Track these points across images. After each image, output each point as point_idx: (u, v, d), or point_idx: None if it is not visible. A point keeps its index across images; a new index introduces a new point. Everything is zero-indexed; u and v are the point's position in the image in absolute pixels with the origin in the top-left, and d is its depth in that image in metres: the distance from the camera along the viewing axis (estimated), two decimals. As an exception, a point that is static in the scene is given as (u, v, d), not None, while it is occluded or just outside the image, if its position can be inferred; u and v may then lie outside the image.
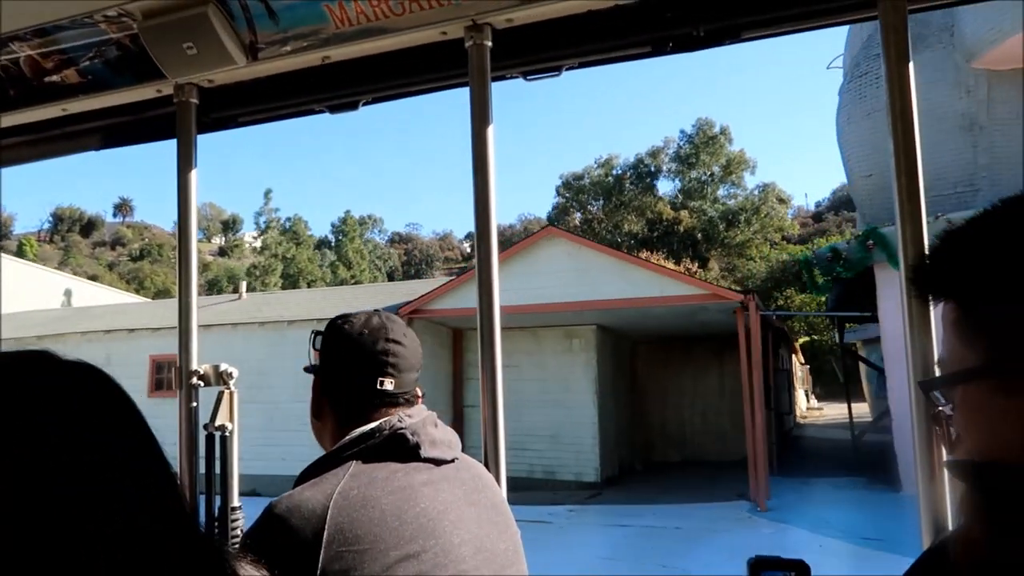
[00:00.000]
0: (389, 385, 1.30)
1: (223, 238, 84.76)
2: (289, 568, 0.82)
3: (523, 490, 13.62)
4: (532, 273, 13.24)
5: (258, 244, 64.11)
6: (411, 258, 77.29)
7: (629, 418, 16.52)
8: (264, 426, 13.03)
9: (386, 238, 79.78)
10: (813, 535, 9.37)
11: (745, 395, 12.36)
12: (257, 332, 14.72)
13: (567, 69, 1.75)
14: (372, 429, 1.25)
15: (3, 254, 34.10)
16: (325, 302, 17.29)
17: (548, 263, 13.33)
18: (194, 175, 1.94)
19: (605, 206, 52.19)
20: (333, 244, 61.67)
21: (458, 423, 14.39)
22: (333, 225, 63.91)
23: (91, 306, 24.83)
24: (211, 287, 56.84)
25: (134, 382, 13.76)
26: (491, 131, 1.67)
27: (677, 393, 18.20)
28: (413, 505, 1.17)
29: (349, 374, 1.32)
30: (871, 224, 12.36)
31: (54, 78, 1.98)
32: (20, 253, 52.12)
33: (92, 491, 0.57)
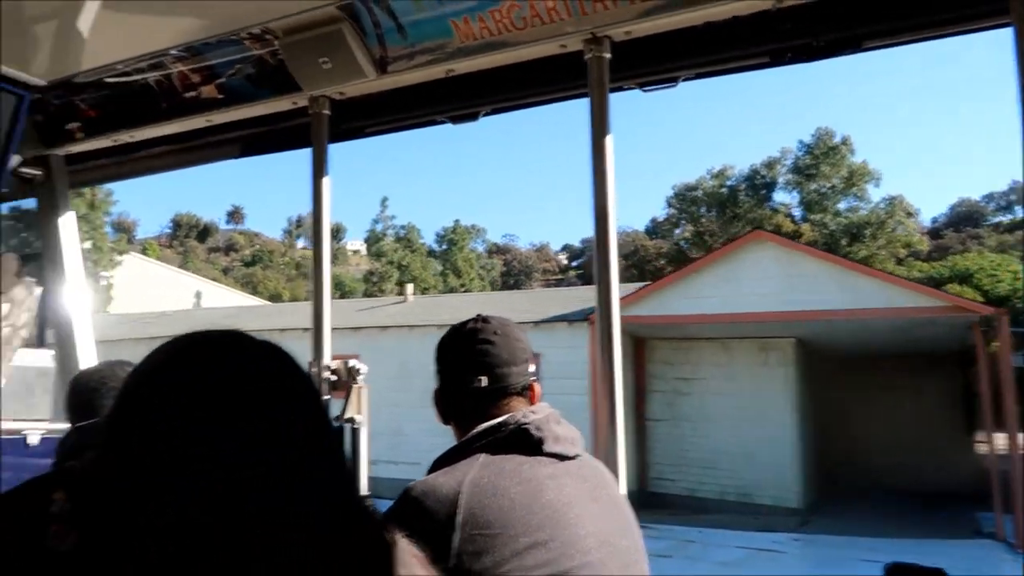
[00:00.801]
0: (482, 382, 1.35)
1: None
2: (424, 547, 0.83)
3: (717, 512, 12.57)
4: (731, 280, 12.15)
5: (363, 250, 65.40)
6: (510, 269, 77.25)
7: (819, 441, 15.10)
8: (442, 431, 12.69)
9: (484, 249, 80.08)
10: None
11: (986, 417, 11.07)
12: (433, 335, 14.34)
13: (684, 80, 1.77)
14: (499, 423, 1.30)
15: (137, 255, 35.71)
16: (491, 305, 16.52)
17: (752, 269, 12.15)
18: (327, 183, 2.04)
19: (719, 218, 50.71)
20: (438, 253, 62.21)
21: (640, 436, 13.51)
22: (438, 234, 64.49)
23: (256, 305, 25.80)
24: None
25: (309, 382, 13.71)
26: (610, 141, 1.70)
27: (862, 416, 16.37)
28: (540, 496, 1.20)
29: (451, 379, 1.41)
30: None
31: (200, 92, 2.13)
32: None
33: (148, 483, 0.58)
